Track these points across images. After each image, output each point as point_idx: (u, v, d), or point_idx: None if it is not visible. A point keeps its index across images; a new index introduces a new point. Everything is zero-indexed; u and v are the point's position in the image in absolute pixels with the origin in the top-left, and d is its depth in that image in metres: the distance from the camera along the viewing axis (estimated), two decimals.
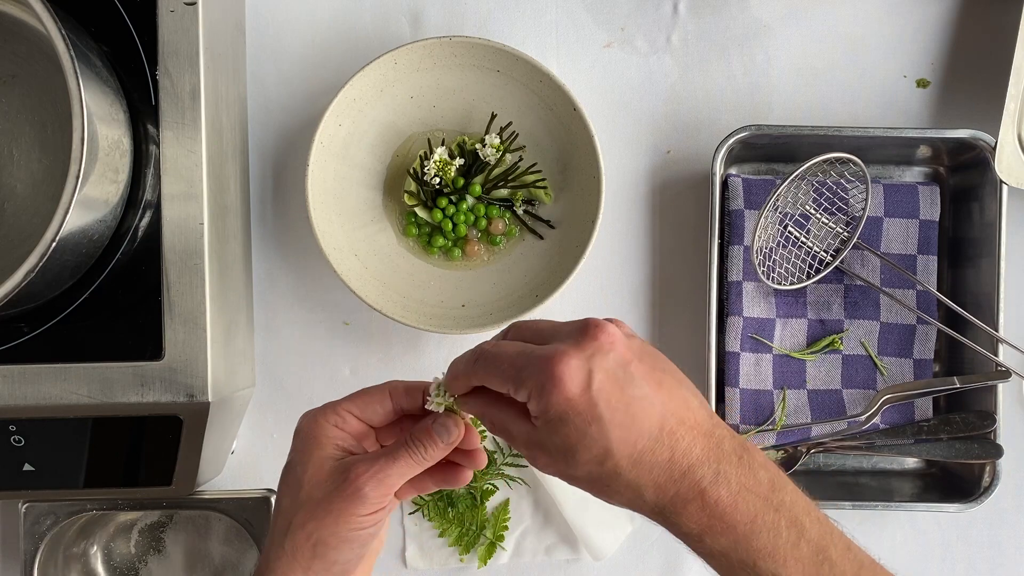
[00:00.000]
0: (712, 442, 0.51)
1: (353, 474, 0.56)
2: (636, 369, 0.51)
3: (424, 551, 0.83)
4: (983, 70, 0.83)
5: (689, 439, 0.51)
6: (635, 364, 0.51)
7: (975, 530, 0.84)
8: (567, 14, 0.84)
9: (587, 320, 0.52)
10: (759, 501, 0.51)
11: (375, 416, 0.59)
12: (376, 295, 0.79)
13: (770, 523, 0.50)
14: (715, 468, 0.51)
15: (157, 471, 0.72)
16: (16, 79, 0.69)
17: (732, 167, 0.83)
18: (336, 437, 0.58)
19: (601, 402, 0.50)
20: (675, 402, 0.52)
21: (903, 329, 0.82)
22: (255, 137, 0.83)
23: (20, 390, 0.68)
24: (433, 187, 0.79)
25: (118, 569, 0.83)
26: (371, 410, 0.59)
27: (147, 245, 0.69)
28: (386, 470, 0.56)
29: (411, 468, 0.57)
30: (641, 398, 0.51)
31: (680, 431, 0.51)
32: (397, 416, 0.60)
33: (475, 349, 0.55)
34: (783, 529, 0.50)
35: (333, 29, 0.83)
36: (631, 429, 0.50)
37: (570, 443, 0.51)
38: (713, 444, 0.51)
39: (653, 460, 0.51)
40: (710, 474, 0.51)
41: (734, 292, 0.81)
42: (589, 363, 0.50)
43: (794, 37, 0.84)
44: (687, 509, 0.51)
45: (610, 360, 0.51)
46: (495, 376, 0.53)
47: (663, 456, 0.51)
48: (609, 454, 0.50)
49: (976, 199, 0.81)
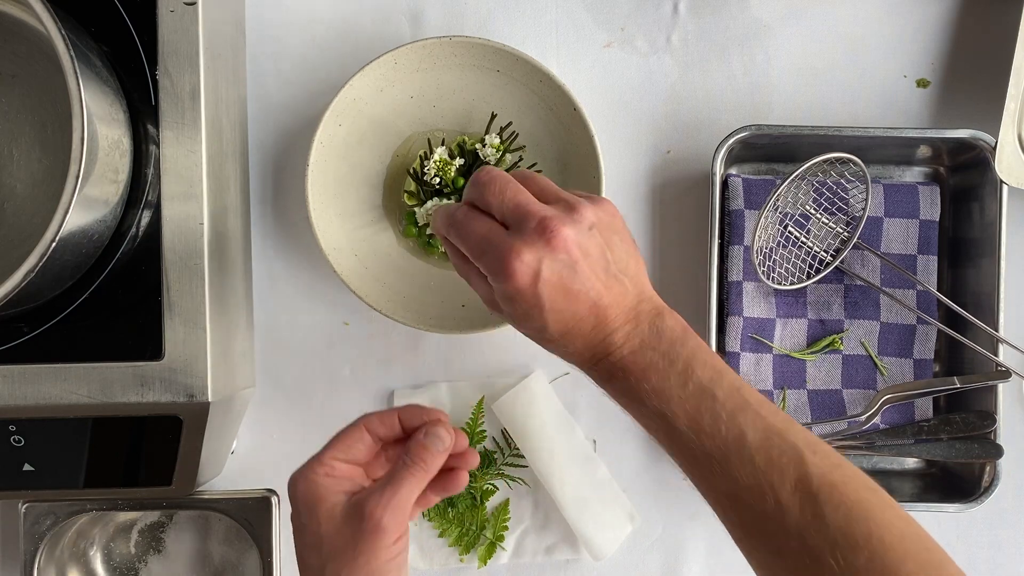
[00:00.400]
0: (631, 315, 0.61)
1: (368, 510, 0.58)
2: (582, 266, 0.59)
3: (424, 551, 0.83)
4: (983, 70, 0.83)
5: (613, 315, 0.60)
6: (582, 262, 0.59)
7: (975, 530, 0.84)
8: (567, 14, 0.84)
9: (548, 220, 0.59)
10: (655, 354, 0.60)
11: (359, 454, 0.63)
12: (376, 295, 0.79)
13: (661, 370, 0.60)
14: (626, 332, 0.60)
15: (157, 471, 0.72)
16: (16, 79, 0.69)
17: (732, 167, 0.83)
18: (332, 487, 0.61)
19: (544, 293, 0.59)
20: (611, 293, 0.60)
21: (903, 329, 0.82)
22: (255, 137, 0.83)
23: (20, 390, 0.68)
24: (433, 187, 0.79)
25: (118, 569, 0.83)
26: (354, 450, 0.62)
27: (147, 245, 0.69)
28: (396, 496, 0.59)
29: (418, 485, 0.61)
30: (579, 290, 0.59)
31: (610, 311, 0.60)
32: (379, 447, 0.63)
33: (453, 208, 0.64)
34: (673, 375, 0.59)
35: (333, 29, 0.83)
36: (565, 312, 0.60)
37: (516, 315, 0.61)
38: (632, 316, 0.61)
39: (578, 331, 0.60)
40: (620, 337, 0.60)
41: (734, 292, 0.81)
42: (539, 262, 0.59)
43: (794, 37, 0.84)
44: (601, 363, 0.61)
45: (559, 260, 0.59)
46: (462, 246, 0.62)
47: (586, 328, 0.60)
48: (545, 328, 0.60)
49: (976, 199, 0.81)
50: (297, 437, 0.84)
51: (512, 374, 0.84)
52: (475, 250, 0.61)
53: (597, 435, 0.84)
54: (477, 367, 0.84)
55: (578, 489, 0.82)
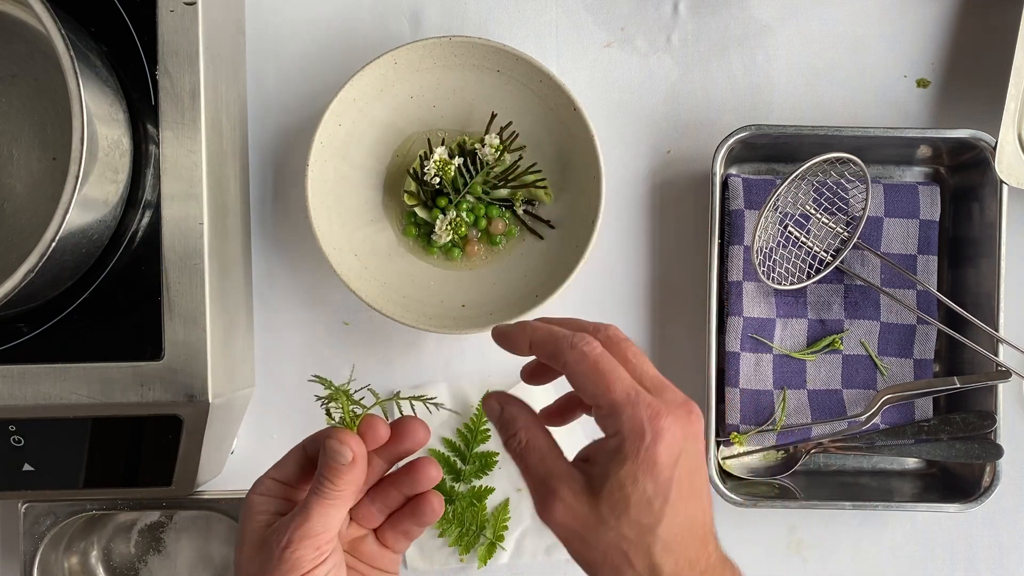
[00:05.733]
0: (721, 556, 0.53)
1: (274, 542, 0.55)
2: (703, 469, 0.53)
3: (424, 551, 0.83)
4: (983, 70, 0.83)
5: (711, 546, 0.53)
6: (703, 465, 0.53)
7: (975, 530, 0.84)
8: (567, 14, 0.84)
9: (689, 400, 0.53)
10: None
11: (291, 473, 0.59)
12: (376, 295, 0.79)
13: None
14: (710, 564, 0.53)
15: (157, 471, 0.72)
16: (16, 79, 0.69)
17: (732, 167, 0.83)
18: (260, 504, 0.58)
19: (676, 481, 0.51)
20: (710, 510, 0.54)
21: (903, 329, 0.82)
22: (255, 137, 0.83)
23: (20, 390, 0.68)
24: (433, 187, 0.79)
25: (118, 569, 0.83)
26: (287, 469, 0.59)
27: (147, 245, 0.69)
28: (303, 525, 0.55)
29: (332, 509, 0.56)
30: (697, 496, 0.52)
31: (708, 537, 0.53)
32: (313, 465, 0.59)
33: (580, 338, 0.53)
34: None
35: (333, 29, 0.83)
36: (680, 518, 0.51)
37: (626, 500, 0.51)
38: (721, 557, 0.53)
39: (682, 552, 0.51)
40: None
41: (734, 292, 0.81)
42: (685, 441, 0.51)
43: (794, 37, 0.84)
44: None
45: (698, 449, 0.52)
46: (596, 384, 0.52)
47: (691, 552, 0.52)
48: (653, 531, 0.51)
49: (976, 199, 0.81)
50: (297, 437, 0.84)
51: (512, 374, 0.84)
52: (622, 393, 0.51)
53: (597, 435, 0.84)
54: (477, 367, 0.84)
55: None
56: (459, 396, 0.83)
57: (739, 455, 0.82)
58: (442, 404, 0.60)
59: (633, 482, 0.50)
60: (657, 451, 0.50)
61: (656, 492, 0.50)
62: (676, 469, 0.50)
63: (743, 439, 0.81)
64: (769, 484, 0.81)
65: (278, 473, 0.59)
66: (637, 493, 0.50)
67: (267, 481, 0.59)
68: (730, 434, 0.81)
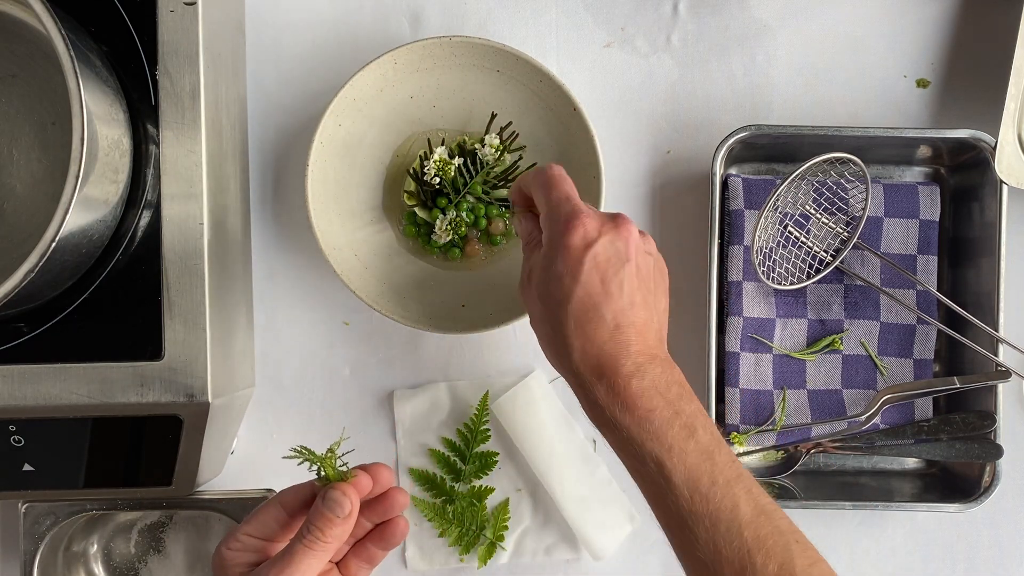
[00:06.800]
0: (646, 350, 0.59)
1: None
2: (628, 272, 0.60)
3: (424, 551, 0.83)
4: (983, 70, 0.83)
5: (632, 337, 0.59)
6: (630, 268, 0.60)
7: (975, 530, 0.84)
8: (567, 14, 0.84)
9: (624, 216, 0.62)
10: (662, 400, 0.58)
11: (270, 530, 0.60)
12: (376, 295, 0.79)
13: (666, 417, 0.58)
14: (638, 363, 0.59)
15: (157, 471, 0.72)
16: (16, 79, 0.69)
17: (732, 167, 0.83)
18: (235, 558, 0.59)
19: (586, 264, 0.59)
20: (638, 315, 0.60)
21: (903, 329, 0.82)
22: (255, 137, 0.83)
23: (20, 390, 0.68)
24: (433, 187, 0.79)
25: (118, 569, 0.83)
26: (266, 527, 0.60)
27: (147, 245, 0.69)
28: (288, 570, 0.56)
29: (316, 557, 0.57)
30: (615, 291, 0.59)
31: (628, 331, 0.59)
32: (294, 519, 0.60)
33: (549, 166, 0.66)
34: (677, 427, 0.58)
35: (333, 29, 0.83)
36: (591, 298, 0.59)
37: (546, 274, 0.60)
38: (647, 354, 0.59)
39: (592, 332, 0.59)
40: (631, 365, 0.59)
41: (734, 292, 0.81)
42: (600, 234, 0.60)
43: (794, 37, 0.84)
44: (600, 383, 0.59)
45: (615, 247, 0.60)
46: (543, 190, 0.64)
47: (602, 335, 0.59)
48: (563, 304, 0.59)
49: (976, 199, 0.81)
50: (297, 437, 0.84)
51: (512, 374, 0.84)
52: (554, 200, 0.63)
53: (596, 435, 0.84)
54: (477, 367, 0.84)
55: (578, 489, 0.82)
56: (459, 396, 0.83)
57: (739, 455, 0.82)
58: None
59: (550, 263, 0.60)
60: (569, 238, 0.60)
61: (566, 270, 0.59)
62: (587, 254, 0.59)
63: (743, 439, 0.81)
64: (769, 484, 0.81)
65: (255, 530, 0.60)
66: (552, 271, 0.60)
67: (243, 537, 0.60)
68: (730, 434, 0.81)
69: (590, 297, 0.59)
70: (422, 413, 0.83)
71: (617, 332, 0.59)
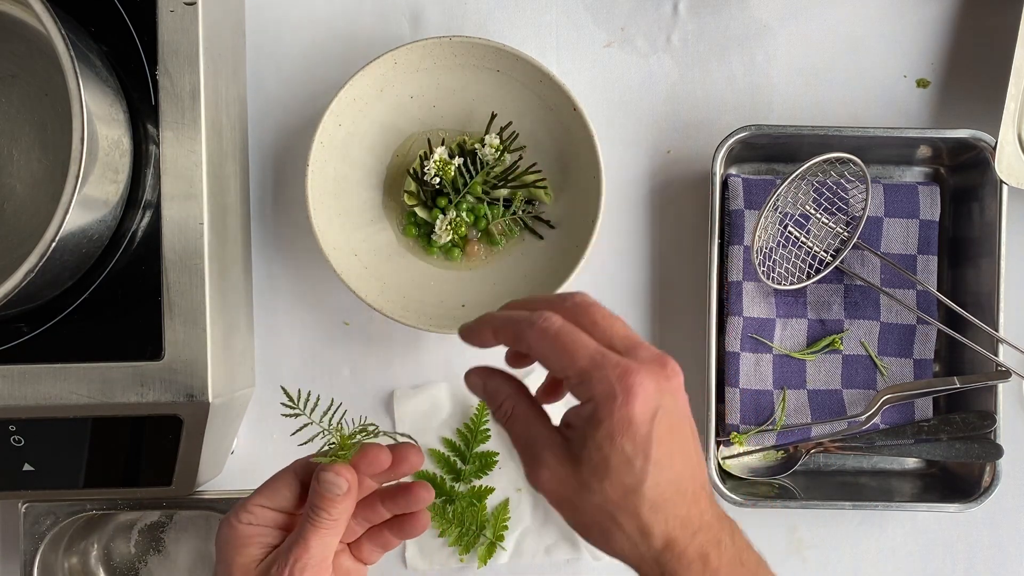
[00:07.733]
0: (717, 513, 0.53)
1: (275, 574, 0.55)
2: (687, 424, 0.52)
3: (424, 551, 0.83)
4: (983, 70, 0.83)
5: (704, 504, 0.52)
6: (686, 420, 0.52)
7: (975, 530, 0.84)
8: (567, 14, 0.84)
9: (664, 355, 0.52)
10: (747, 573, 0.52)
11: (285, 501, 0.58)
12: (376, 295, 0.79)
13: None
14: (718, 536, 0.52)
15: (157, 471, 0.72)
16: (16, 79, 0.69)
17: (732, 167, 0.83)
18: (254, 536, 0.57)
19: (655, 438, 0.49)
20: (701, 467, 0.52)
21: (903, 329, 0.82)
22: (255, 137, 0.83)
23: (20, 390, 0.68)
24: (433, 187, 0.79)
25: (118, 569, 0.83)
26: (280, 496, 0.58)
27: (147, 245, 0.69)
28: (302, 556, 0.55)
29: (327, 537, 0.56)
30: (683, 452, 0.51)
31: (700, 494, 0.52)
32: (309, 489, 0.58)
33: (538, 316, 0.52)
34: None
35: (333, 29, 0.83)
36: (665, 475, 0.50)
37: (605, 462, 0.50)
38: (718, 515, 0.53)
39: (671, 511, 0.51)
40: (713, 540, 0.51)
41: (734, 292, 0.81)
42: (661, 396, 0.50)
43: (794, 37, 0.84)
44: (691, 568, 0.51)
45: (677, 405, 0.51)
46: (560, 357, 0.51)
47: (681, 511, 0.51)
48: (637, 490, 0.50)
49: (976, 199, 0.81)
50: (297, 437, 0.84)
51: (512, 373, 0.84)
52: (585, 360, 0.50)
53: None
54: None
55: None
56: (459, 396, 0.83)
57: (739, 455, 0.82)
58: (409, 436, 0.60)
59: (611, 443, 0.49)
60: (631, 409, 0.49)
61: (636, 451, 0.49)
62: (654, 425, 0.49)
63: (743, 439, 0.81)
64: (769, 484, 0.81)
65: (268, 500, 0.58)
66: (616, 454, 0.49)
67: (256, 509, 0.58)
68: (730, 434, 0.81)
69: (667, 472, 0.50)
70: (422, 413, 0.83)
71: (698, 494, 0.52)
